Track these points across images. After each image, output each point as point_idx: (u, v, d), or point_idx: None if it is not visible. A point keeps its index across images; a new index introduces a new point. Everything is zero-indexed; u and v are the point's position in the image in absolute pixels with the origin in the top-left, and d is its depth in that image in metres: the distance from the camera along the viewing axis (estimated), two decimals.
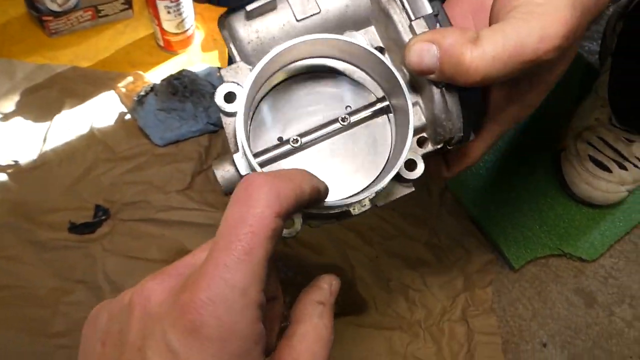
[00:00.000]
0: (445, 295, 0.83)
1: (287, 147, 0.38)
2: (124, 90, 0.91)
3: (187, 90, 0.88)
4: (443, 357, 0.80)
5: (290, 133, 0.39)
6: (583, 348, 0.85)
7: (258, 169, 0.34)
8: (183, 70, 0.90)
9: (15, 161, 0.83)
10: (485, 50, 0.32)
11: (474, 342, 0.81)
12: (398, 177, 0.38)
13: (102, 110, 0.90)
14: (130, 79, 0.93)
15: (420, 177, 0.39)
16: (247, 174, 0.36)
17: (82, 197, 0.83)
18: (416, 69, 0.35)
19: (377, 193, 0.38)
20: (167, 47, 0.96)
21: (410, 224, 0.87)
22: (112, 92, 0.92)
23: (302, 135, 0.38)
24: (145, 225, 0.81)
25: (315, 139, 0.38)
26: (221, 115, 0.38)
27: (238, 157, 0.36)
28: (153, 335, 0.25)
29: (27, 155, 0.84)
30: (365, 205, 0.38)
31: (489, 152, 0.84)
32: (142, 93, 0.89)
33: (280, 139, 0.39)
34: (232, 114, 0.37)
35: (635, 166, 0.86)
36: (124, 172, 0.85)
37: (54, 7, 0.91)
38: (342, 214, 0.38)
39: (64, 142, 0.86)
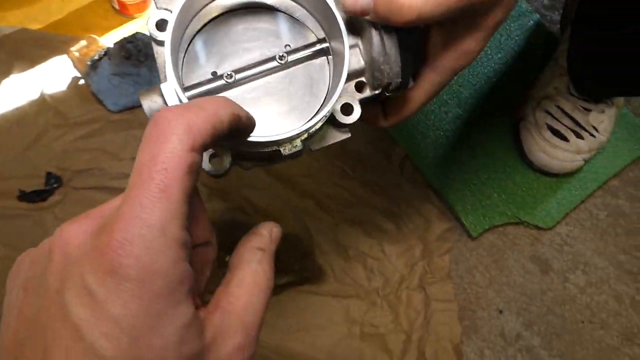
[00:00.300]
0: (403, 263, 0.84)
1: (220, 82, 0.36)
2: (77, 54, 0.88)
3: (142, 54, 0.85)
4: (400, 324, 0.81)
5: (225, 69, 0.37)
6: (537, 314, 0.87)
7: (184, 99, 0.33)
8: (137, 33, 0.87)
9: None
10: None
11: (431, 310, 0.82)
12: (334, 121, 0.38)
13: (54, 75, 0.87)
14: (83, 42, 0.89)
15: (356, 122, 0.38)
16: (175, 104, 0.35)
17: (33, 164, 0.80)
18: (351, 9, 0.35)
19: (310, 134, 0.37)
20: (123, 11, 0.93)
21: (370, 192, 0.87)
22: (64, 56, 0.88)
23: (237, 71, 0.37)
24: (99, 193, 0.80)
25: (251, 76, 0.37)
26: (152, 44, 0.36)
27: (166, 87, 0.35)
28: (71, 278, 0.24)
29: None
30: (296, 146, 0.37)
31: (430, 103, 0.83)
32: (96, 57, 0.86)
33: (214, 73, 0.38)
34: (163, 43, 0.35)
35: (592, 135, 0.87)
36: (77, 139, 0.82)
37: None
38: (273, 154, 0.37)
39: (13, 108, 0.83)
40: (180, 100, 0.34)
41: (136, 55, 0.85)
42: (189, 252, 0.26)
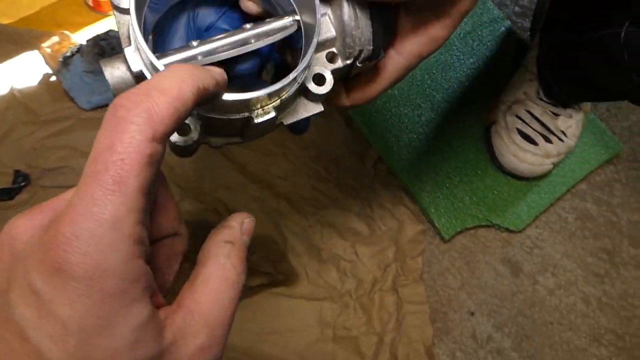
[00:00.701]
0: (376, 265, 0.84)
1: (189, 52, 0.34)
2: (48, 50, 0.87)
3: (115, 51, 0.84)
4: (372, 326, 0.81)
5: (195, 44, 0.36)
6: (508, 316, 0.88)
7: (154, 59, 0.31)
8: (110, 30, 0.86)
9: None
10: None
11: (403, 312, 0.83)
12: (306, 93, 0.37)
13: (25, 71, 0.85)
14: (55, 38, 0.88)
15: (327, 94, 0.38)
16: (139, 70, 0.33)
17: (1, 161, 0.78)
18: None
19: (283, 102, 0.36)
20: (97, 7, 0.92)
21: (344, 194, 0.87)
22: (35, 52, 0.87)
23: (205, 42, 0.35)
24: None
25: (222, 46, 0.35)
26: (115, 14, 0.34)
27: (130, 52, 0.32)
28: (17, 276, 0.23)
29: None
30: (269, 112, 0.35)
31: (404, 106, 0.83)
32: (68, 54, 0.85)
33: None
34: (127, 11, 0.32)
35: (560, 139, 0.89)
36: (47, 136, 0.81)
37: None
38: (244, 124, 0.35)
39: None
40: (150, 63, 0.31)
41: (109, 52, 0.84)
42: (146, 248, 0.25)
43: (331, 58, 0.39)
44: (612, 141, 0.98)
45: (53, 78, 0.85)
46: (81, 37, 0.89)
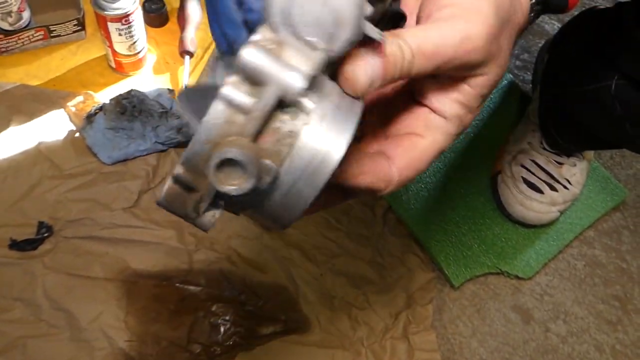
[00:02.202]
0: (387, 313, 0.85)
1: None
2: (73, 109, 0.92)
3: (136, 109, 0.89)
4: None
5: None
6: None
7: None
8: (132, 90, 0.91)
9: None
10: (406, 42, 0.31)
11: (414, 359, 0.83)
12: None
13: (51, 128, 0.90)
14: (80, 98, 0.93)
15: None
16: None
17: (26, 214, 0.82)
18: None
19: None
20: (119, 69, 0.98)
21: (354, 242, 0.89)
22: (61, 110, 0.92)
23: None
24: (89, 242, 0.81)
25: None
26: None
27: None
28: None
29: None
30: None
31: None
32: (92, 112, 0.90)
33: None
34: None
35: (565, 187, 0.91)
36: (70, 190, 0.85)
37: (5, 26, 0.92)
38: None
39: (10, 159, 0.86)
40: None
41: (131, 110, 0.89)
42: None
43: None
44: (618, 188, 1.00)
45: (77, 135, 0.90)
46: (104, 96, 0.95)
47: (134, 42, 0.94)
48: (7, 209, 0.82)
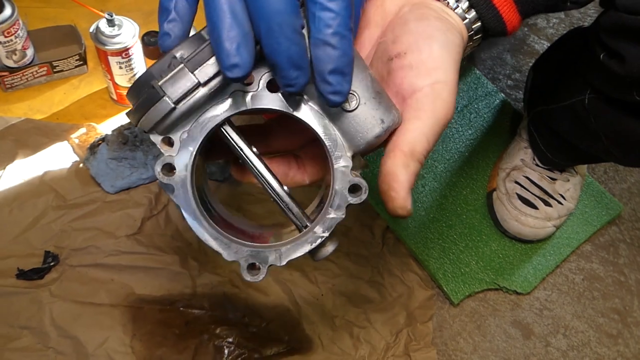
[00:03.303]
0: (388, 331, 0.86)
1: None
2: (77, 141, 0.95)
3: (138, 139, 0.92)
4: None
5: None
6: None
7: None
8: None
9: None
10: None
11: None
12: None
13: (55, 160, 0.93)
14: (83, 130, 0.96)
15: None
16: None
17: (32, 244, 0.84)
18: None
19: None
20: (120, 100, 1.01)
21: (354, 263, 0.91)
22: (65, 142, 0.95)
23: None
24: (94, 270, 0.83)
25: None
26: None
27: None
28: None
29: None
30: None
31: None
32: (95, 143, 0.93)
33: None
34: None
35: (559, 202, 0.93)
36: (75, 219, 0.87)
37: (10, 64, 0.95)
38: None
39: (15, 191, 0.88)
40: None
41: (132, 140, 0.92)
42: None
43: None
44: (612, 202, 1.02)
45: (81, 165, 0.92)
46: (106, 127, 0.98)
47: (134, 74, 0.97)
48: (13, 240, 0.84)
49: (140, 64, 0.97)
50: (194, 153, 0.38)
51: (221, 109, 0.38)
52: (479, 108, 1.08)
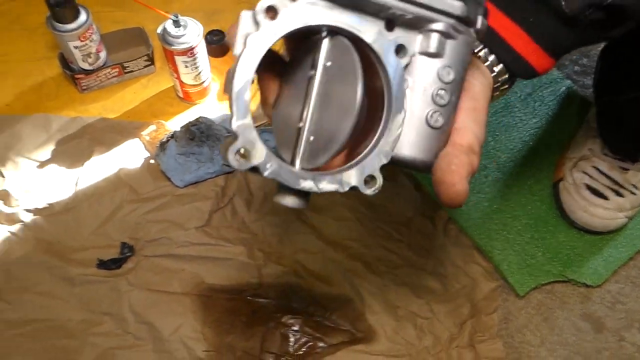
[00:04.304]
0: (452, 322, 0.86)
1: None
2: (147, 138, 1.00)
3: (204, 135, 0.95)
4: None
5: None
6: None
7: None
8: (199, 117, 0.98)
9: (50, 204, 0.91)
10: None
11: None
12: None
13: (128, 157, 0.98)
14: (153, 127, 1.01)
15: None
16: None
17: (110, 235, 0.89)
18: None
19: None
20: (186, 98, 1.05)
21: (416, 254, 0.91)
22: (137, 140, 1.00)
23: None
24: (167, 260, 0.87)
25: None
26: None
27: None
28: None
29: (60, 198, 0.92)
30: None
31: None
32: (164, 140, 0.97)
33: None
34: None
35: (632, 193, 0.89)
36: (147, 212, 0.92)
37: (85, 66, 1.01)
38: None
39: (94, 186, 0.94)
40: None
41: (199, 136, 0.96)
42: None
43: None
44: None
45: (152, 161, 0.97)
46: (174, 124, 1.02)
47: (199, 73, 1.00)
48: (93, 232, 0.90)
49: (204, 63, 1.00)
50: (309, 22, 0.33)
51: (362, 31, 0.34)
52: (543, 96, 1.05)
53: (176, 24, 0.95)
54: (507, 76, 0.44)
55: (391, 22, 0.34)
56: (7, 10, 1.15)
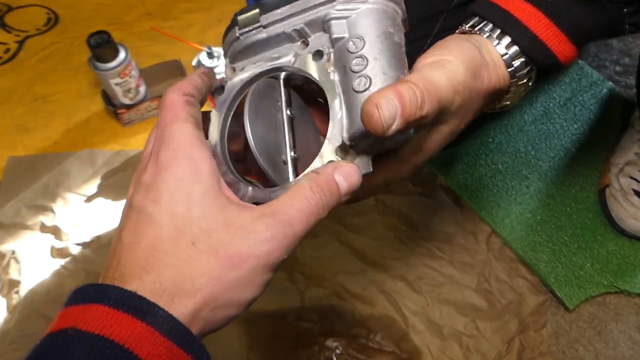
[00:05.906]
0: (499, 339, 0.84)
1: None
2: None
3: None
4: None
5: None
6: None
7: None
8: None
9: (97, 236, 0.95)
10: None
11: None
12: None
13: None
14: None
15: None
16: None
17: None
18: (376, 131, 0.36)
19: None
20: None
21: (458, 270, 0.90)
22: None
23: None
24: None
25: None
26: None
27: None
28: None
29: (107, 230, 0.96)
30: None
31: (510, 179, 0.83)
32: None
33: None
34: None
35: None
36: None
37: (127, 101, 1.05)
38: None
39: None
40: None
41: None
42: None
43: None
44: None
45: None
46: None
47: None
48: None
49: None
50: (244, 81, 0.43)
51: (281, 61, 0.42)
52: (584, 100, 1.02)
53: (210, 55, 0.98)
54: (523, 59, 0.43)
55: (302, 37, 0.41)
56: (52, 53, 1.21)
